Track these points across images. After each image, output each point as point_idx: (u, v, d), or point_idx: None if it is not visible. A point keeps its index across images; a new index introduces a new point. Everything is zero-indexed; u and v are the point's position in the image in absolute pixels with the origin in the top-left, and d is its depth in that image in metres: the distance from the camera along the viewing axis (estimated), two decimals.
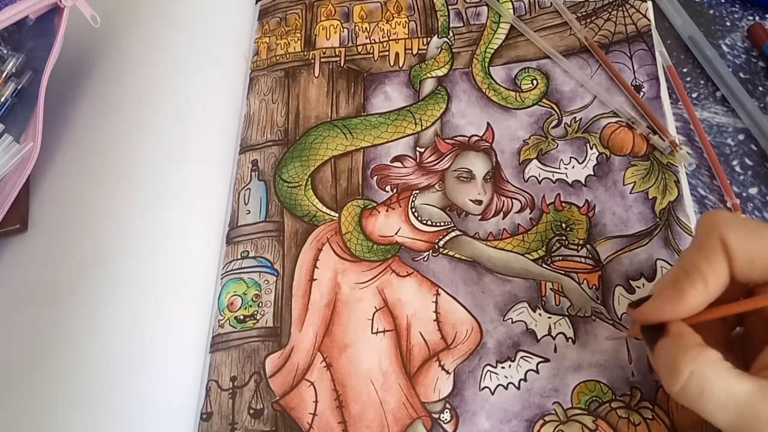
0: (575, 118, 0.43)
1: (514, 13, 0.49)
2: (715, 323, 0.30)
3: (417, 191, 0.43)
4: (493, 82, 0.46)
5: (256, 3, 0.55)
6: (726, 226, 0.28)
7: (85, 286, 0.39)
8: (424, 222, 0.42)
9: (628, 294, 0.37)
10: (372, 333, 0.39)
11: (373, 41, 0.50)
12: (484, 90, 0.46)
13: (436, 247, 0.41)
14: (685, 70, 0.45)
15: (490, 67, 0.47)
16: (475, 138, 0.44)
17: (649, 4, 0.47)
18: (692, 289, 0.28)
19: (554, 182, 0.42)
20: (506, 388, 0.36)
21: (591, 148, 0.42)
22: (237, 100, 0.49)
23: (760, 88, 0.43)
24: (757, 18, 0.46)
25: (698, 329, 0.29)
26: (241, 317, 0.41)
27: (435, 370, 0.37)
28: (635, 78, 0.44)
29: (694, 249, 0.29)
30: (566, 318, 0.37)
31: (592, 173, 0.41)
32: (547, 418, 0.35)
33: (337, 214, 0.43)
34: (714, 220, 0.28)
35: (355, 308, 0.40)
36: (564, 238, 0.40)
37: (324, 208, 0.44)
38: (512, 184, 0.42)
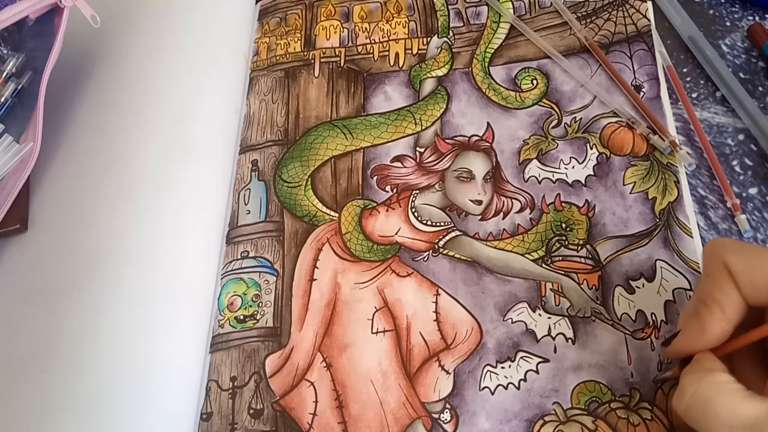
0: (575, 118, 0.43)
1: (514, 13, 0.49)
2: (747, 347, 0.30)
3: (417, 191, 0.43)
4: (493, 81, 0.46)
5: (256, 3, 0.55)
6: (727, 252, 0.29)
7: (85, 286, 0.39)
8: (424, 222, 0.42)
9: (628, 294, 0.37)
10: (372, 333, 0.39)
11: (373, 41, 0.50)
12: (484, 90, 0.46)
13: (436, 247, 0.41)
14: (685, 70, 0.45)
15: (490, 67, 0.47)
16: (475, 138, 0.44)
17: (649, 4, 0.47)
18: (711, 318, 0.29)
19: (554, 182, 0.42)
20: (506, 388, 0.36)
21: (591, 148, 0.42)
22: (237, 100, 0.49)
23: (760, 88, 0.43)
24: (757, 18, 0.46)
25: (734, 355, 0.29)
26: (241, 317, 0.41)
27: (435, 370, 0.37)
28: (635, 78, 0.44)
29: (704, 278, 0.30)
30: (566, 318, 0.37)
31: (592, 173, 0.41)
32: (546, 419, 0.35)
33: (337, 214, 0.43)
34: (716, 246, 0.29)
35: (355, 308, 0.40)
36: (564, 238, 0.40)
37: (324, 208, 0.44)
38: (512, 184, 0.42)
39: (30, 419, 0.35)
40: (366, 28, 0.51)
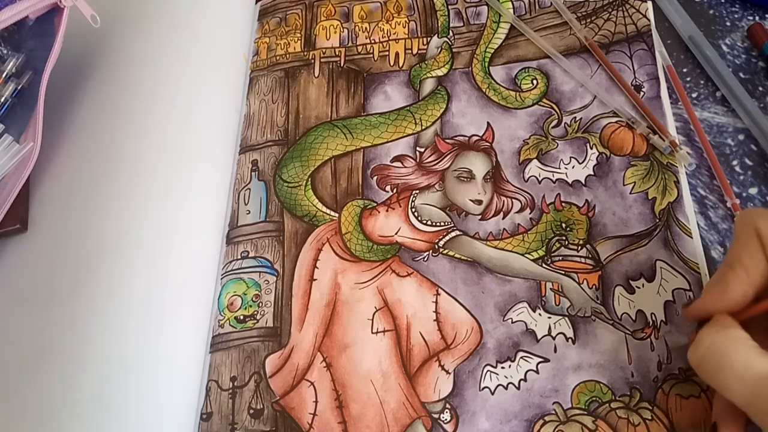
0: (575, 117, 0.43)
1: (514, 13, 0.49)
2: (764, 323, 0.31)
3: (417, 191, 0.43)
4: (493, 81, 0.46)
5: (256, 3, 0.55)
6: (759, 217, 0.29)
7: (85, 286, 0.39)
8: (424, 222, 0.42)
9: (628, 294, 0.37)
10: (372, 333, 0.39)
11: (373, 41, 0.50)
12: (484, 90, 0.46)
13: (436, 247, 0.41)
14: (685, 70, 0.45)
15: (490, 67, 0.47)
16: (475, 138, 0.44)
17: (649, 4, 0.47)
18: (735, 279, 0.29)
19: (554, 182, 0.42)
20: (506, 388, 0.36)
21: (591, 148, 0.42)
22: (237, 100, 0.49)
23: (760, 88, 0.43)
24: (757, 18, 0.46)
25: (749, 327, 0.30)
26: (241, 317, 0.41)
27: (435, 370, 0.37)
28: (635, 78, 0.44)
29: (734, 243, 0.31)
30: (566, 318, 0.37)
31: (592, 173, 0.41)
32: (547, 418, 0.35)
33: (337, 214, 0.43)
34: (749, 214, 0.30)
35: (355, 308, 0.40)
36: (564, 238, 0.40)
37: (324, 208, 0.44)
38: (512, 184, 0.42)
39: (30, 419, 0.35)
40: (366, 28, 0.51)
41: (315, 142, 0.46)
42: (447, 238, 0.41)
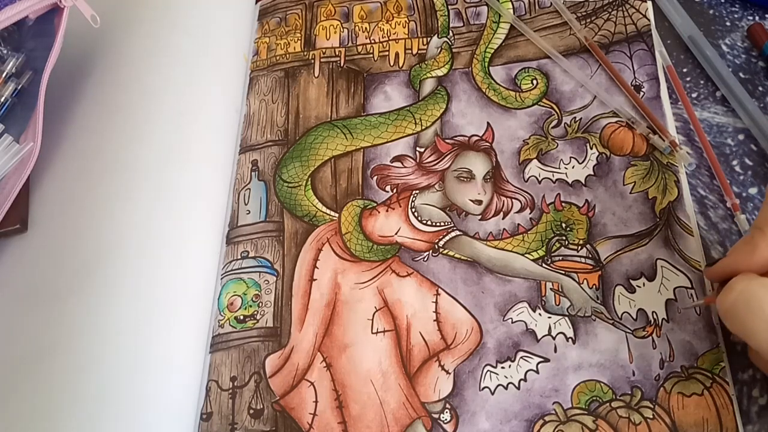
0: (575, 118, 0.43)
1: (514, 13, 0.49)
2: None
3: (417, 191, 0.43)
4: (493, 81, 0.46)
5: (256, 3, 0.55)
6: None
7: (85, 287, 0.39)
8: (424, 222, 0.42)
9: (628, 293, 0.37)
10: (372, 333, 0.39)
11: (373, 41, 0.50)
12: (484, 90, 0.46)
13: (436, 247, 0.41)
14: (685, 70, 0.45)
15: (490, 67, 0.47)
16: (475, 138, 0.44)
17: (649, 4, 0.47)
18: (765, 241, 0.30)
19: (554, 182, 0.42)
20: (506, 388, 0.36)
21: (591, 148, 0.42)
22: (237, 100, 0.49)
23: (760, 88, 0.43)
24: (757, 18, 0.46)
25: None
26: (241, 317, 0.41)
27: (435, 370, 0.37)
28: (635, 78, 0.44)
29: (765, 205, 0.31)
30: (566, 318, 0.37)
31: (592, 173, 0.41)
32: (547, 418, 0.35)
33: (337, 214, 0.43)
34: None
35: (355, 308, 0.40)
36: (564, 238, 0.40)
37: (324, 208, 0.44)
38: (512, 184, 0.42)
39: (30, 419, 0.35)
40: (366, 28, 0.51)
41: (315, 142, 0.46)
42: (447, 238, 0.41)
